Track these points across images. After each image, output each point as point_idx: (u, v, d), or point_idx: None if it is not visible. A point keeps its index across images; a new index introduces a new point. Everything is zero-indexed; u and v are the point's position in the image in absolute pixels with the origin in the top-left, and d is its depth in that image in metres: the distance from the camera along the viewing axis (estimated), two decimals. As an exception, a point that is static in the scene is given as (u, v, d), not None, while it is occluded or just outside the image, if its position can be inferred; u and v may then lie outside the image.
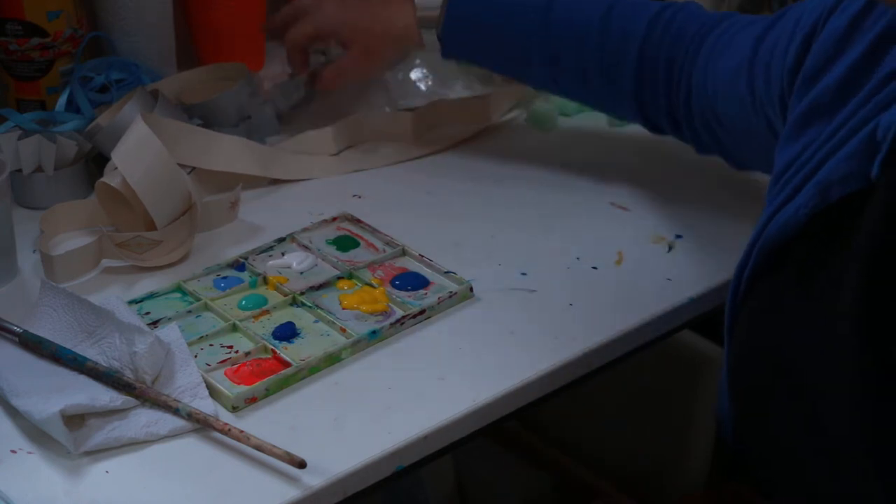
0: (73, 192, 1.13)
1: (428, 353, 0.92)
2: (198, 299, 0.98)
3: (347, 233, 1.08)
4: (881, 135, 0.74)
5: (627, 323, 0.95)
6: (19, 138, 1.13)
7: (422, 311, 0.96)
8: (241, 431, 0.81)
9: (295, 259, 1.03)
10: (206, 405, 0.85)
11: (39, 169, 1.13)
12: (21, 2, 1.20)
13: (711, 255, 1.03)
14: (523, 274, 1.02)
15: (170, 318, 0.95)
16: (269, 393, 0.88)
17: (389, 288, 0.99)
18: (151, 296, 0.99)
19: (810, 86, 0.83)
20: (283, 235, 1.06)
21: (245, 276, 1.02)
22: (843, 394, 0.73)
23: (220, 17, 1.34)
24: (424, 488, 1.47)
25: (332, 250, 1.05)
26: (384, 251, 1.05)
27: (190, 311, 0.97)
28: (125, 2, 1.25)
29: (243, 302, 0.98)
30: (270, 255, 1.04)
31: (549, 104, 1.28)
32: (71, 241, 1.06)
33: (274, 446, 0.80)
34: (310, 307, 0.97)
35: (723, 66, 0.96)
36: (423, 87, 1.32)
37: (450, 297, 0.97)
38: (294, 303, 0.98)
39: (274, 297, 0.99)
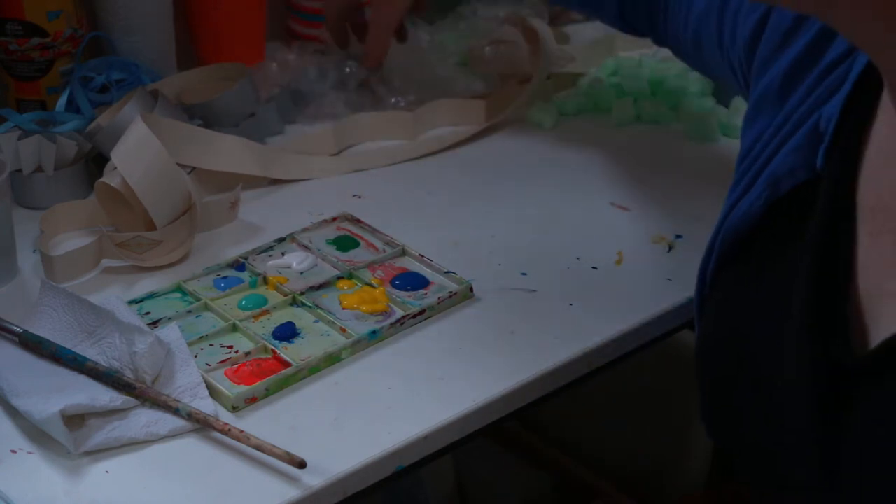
0: (73, 192, 1.13)
1: (428, 353, 0.92)
2: (198, 299, 0.98)
3: (347, 233, 1.08)
4: (823, 126, 0.76)
5: (627, 323, 0.95)
6: (19, 138, 1.13)
7: (422, 311, 0.96)
8: (241, 431, 0.81)
9: (295, 259, 1.03)
10: (206, 405, 0.85)
11: (39, 169, 1.13)
12: (21, 2, 1.19)
13: (711, 255, 1.03)
14: (523, 274, 1.02)
15: (170, 318, 0.95)
16: (269, 393, 0.88)
17: (389, 288, 0.99)
18: (151, 296, 0.99)
19: (763, 72, 0.85)
20: (283, 235, 1.06)
21: (245, 276, 1.02)
22: (797, 386, 0.73)
23: (220, 16, 1.34)
24: (424, 488, 1.47)
25: (332, 250, 1.05)
26: (384, 251, 1.05)
27: (190, 311, 0.97)
28: (125, 2, 1.25)
29: (243, 302, 0.98)
30: (270, 255, 1.04)
31: (549, 104, 1.28)
32: (71, 241, 1.06)
33: (274, 446, 0.80)
34: (310, 307, 0.97)
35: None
36: None
37: (450, 297, 0.97)
38: (294, 303, 0.98)
39: (274, 297, 0.99)
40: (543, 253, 1.05)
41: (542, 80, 1.28)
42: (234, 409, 0.86)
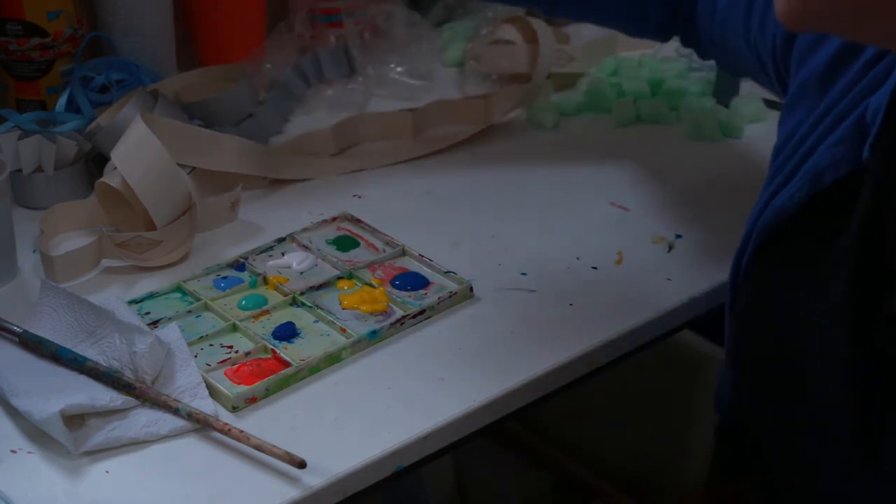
0: (73, 192, 1.13)
1: (428, 353, 0.92)
2: (198, 299, 0.98)
3: (347, 233, 1.08)
4: (870, 118, 0.76)
5: (627, 323, 0.95)
6: (19, 138, 1.13)
7: (422, 311, 0.96)
8: (241, 431, 0.81)
9: (295, 259, 1.03)
10: (206, 405, 0.85)
11: (39, 169, 1.13)
12: (21, 2, 1.20)
13: (711, 255, 1.03)
14: (523, 274, 1.02)
15: (170, 318, 0.95)
16: (269, 393, 0.88)
17: (389, 288, 0.99)
18: (151, 296, 0.99)
19: (803, 62, 0.85)
20: (283, 235, 1.06)
21: (245, 276, 1.02)
22: (832, 372, 0.75)
23: (220, 16, 1.34)
24: (424, 488, 1.47)
25: (332, 250, 1.05)
26: (384, 251, 1.05)
27: (190, 311, 0.97)
28: (125, 2, 1.25)
29: (243, 302, 0.98)
30: (270, 255, 1.04)
31: (550, 104, 1.28)
32: (71, 241, 1.06)
33: (274, 446, 0.80)
34: (310, 307, 0.97)
35: None
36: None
37: (450, 297, 0.97)
38: (294, 303, 0.98)
39: (274, 297, 0.99)
40: (543, 253, 1.05)
41: (542, 80, 1.28)
42: (234, 409, 0.86)
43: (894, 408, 0.73)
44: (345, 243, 1.06)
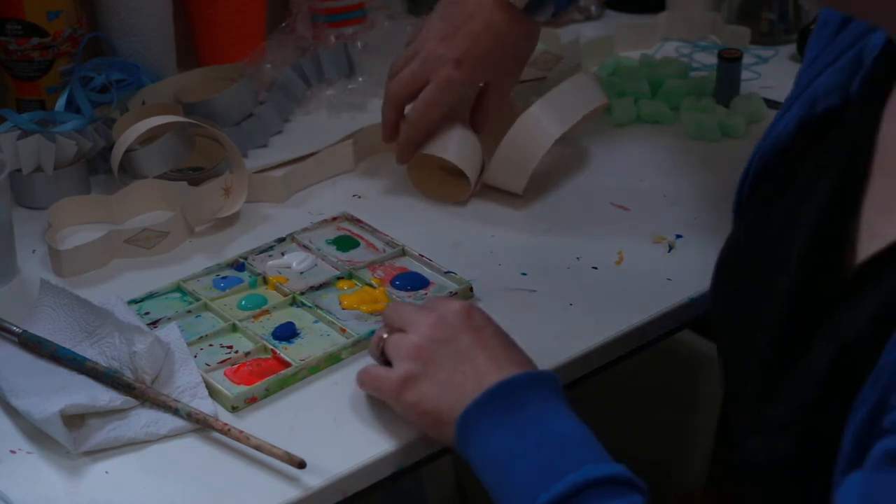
0: (73, 192, 1.13)
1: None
2: (197, 299, 0.98)
3: (347, 233, 1.08)
4: (866, 53, 0.77)
5: (627, 323, 0.95)
6: (19, 138, 1.13)
7: None
8: (241, 431, 0.81)
9: (295, 259, 1.03)
10: (205, 405, 0.85)
11: (39, 169, 1.13)
12: (21, 2, 1.20)
13: (711, 255, 1.03)
14: (523, 274, 1.02)
15: (169, 318, 0.95)
16: (268, 393, 0.88)
17: (389, 288, 0.99)
18: (151, 296, 0.99)
19: None
20: (283, 235, 1.06)
21: (245, 276, 1.02)
22: (779, 300, 0.75)
23: (219, 16, 1.34)
24: (424, 488, 1.47)
25: (332, 250, 1.05)
26: (384, 251, 1.05)
27: (189, 311, 0.97)
28: (125, 2, 1.25)
29: (243, 302, 0.98)
30: (270, 255, 1.04)
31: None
32: (78, 236, 1.07)
33: (274, 446, 0.80)
34: (310, 307, 0.97)
35: None
36: None
37: (450, 297, 0.97)
38: (294, 303, 0.98)
39: (274, 297, 0.99)
40: (543, 253, 1.05)
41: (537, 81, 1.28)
42: (234, 409, 0.86)
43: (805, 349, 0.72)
44: (345, 243, 1.06)
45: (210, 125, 1.12)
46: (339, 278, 1.01)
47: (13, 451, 0.83)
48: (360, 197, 1.14)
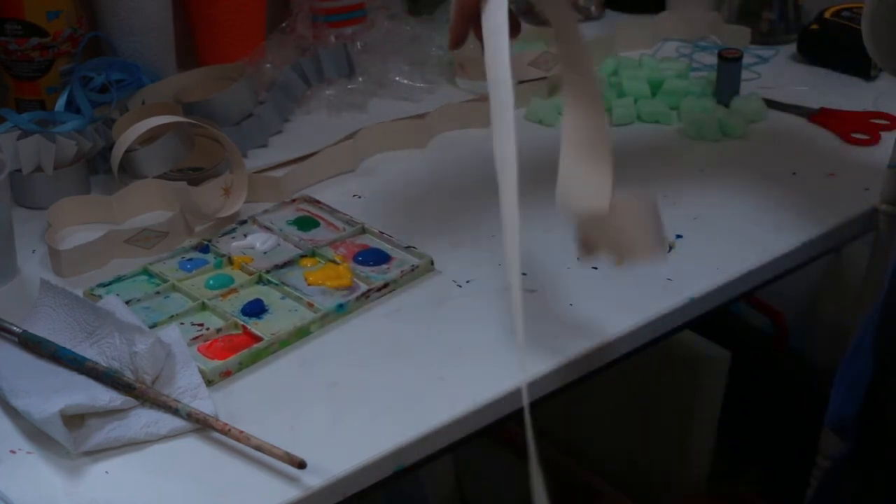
0: (73, 192, 1.13)
1: (428, 353, 0.92)
2: (165, 280, 1.00)
3: (307, 213, 1.10)
4: None
5: (627, 323, 0.95)
6: (18, 138, 1.13)
7: (385, 285, 0.98)
8: (241, 431, 0.81)
9: (258, 240, 1.05)
10: (206, 405, 0.85)
11: (39, 169, 1.13)
12: (21, 2, 1.20)
13: (711, 255, 1.03)
14: (523, 274, 1.02)
15: (138, 300, 0.96)
16: (242, 367, 0.89)
17: (353, 264, 1.02)
18: (118, 279, 1.00)
19: None
20: (244, 218, 1.08)
21: (210, 257, 1.04)
22: None
23: (220, 13, 1.34)
24: (424, 488, 1.47)
25: (293, 230, 1.07)
26: (344, 230, 1.07)
27: (158, 293, 0.98)
28: (125, 2, 1.25)
29: (210, 282, 1.00)
30: (233, 238, 1.06)
31: (549, 103, 1.28)
32: (78, 236, 1.07)
33: (274, 446, 0.80)
34: (276, 284, 0.99)
35: None
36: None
37: (412, 270, 1.00)
38: (260, 281, 1.00)
39: (240, 277, 1.01)
40: (543, 253, 1.05)
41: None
42: (210, 382, 0.87)
43: None
44: (305, 223, 1.08)
45: (210, 125, 1.12)
46: (302, 256, 1.03)
47: (13, 451, 0.83)
48: (360, 197, 1.15)
